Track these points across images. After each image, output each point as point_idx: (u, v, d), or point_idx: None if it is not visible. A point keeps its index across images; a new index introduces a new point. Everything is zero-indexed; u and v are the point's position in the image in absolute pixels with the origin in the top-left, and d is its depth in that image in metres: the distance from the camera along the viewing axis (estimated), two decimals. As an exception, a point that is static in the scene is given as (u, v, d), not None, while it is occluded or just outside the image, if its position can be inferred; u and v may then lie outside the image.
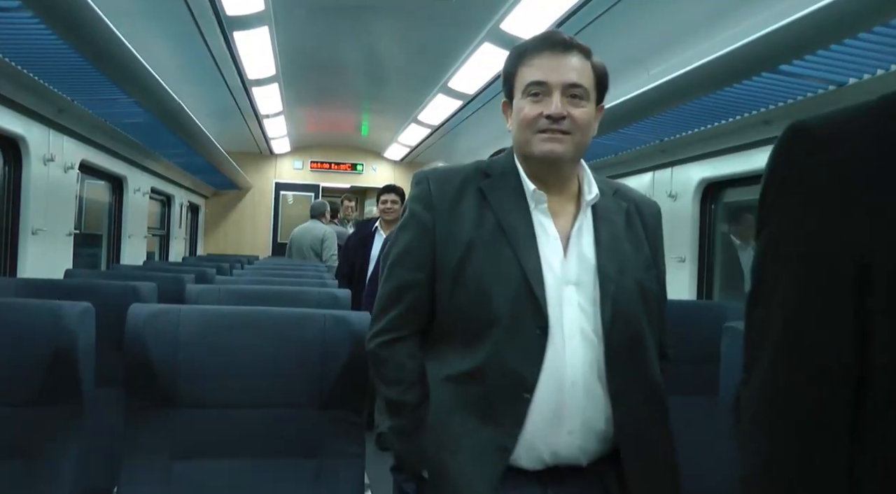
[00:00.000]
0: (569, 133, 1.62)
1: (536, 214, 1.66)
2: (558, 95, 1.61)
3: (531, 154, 1.65)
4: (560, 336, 1.57)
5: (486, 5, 4.28)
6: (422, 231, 1.67)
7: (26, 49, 3.27)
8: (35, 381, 1.88)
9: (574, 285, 1.61)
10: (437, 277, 1.66)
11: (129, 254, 6.43)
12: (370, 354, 1.74)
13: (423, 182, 1.71)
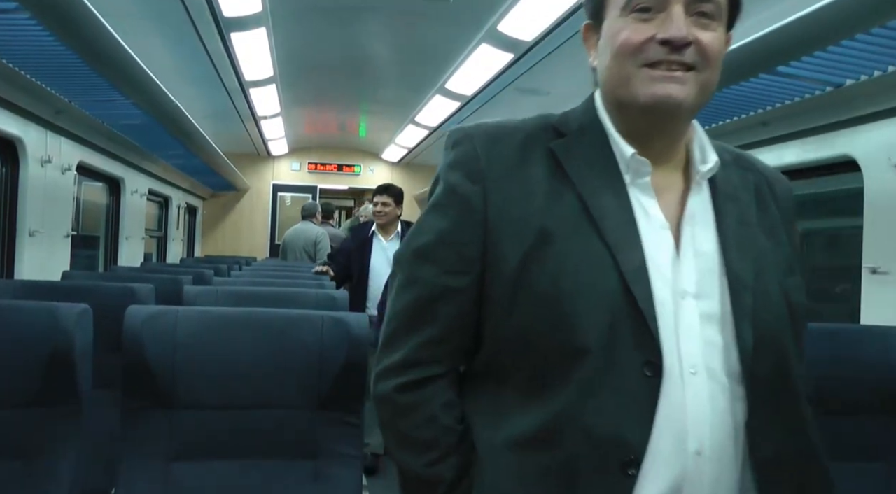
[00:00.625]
0: (693, 68, 1.08)
1: (634, 191, 1.12)
2: (680, 11, 1.07)
3: (632, 100, 1.10)
4: (678, 377, 1.03)
5: (484, 6, 4.28)
6: (465, 212, 1.12)
7: (24, 50, 3.27)
8: (33, 383, 1.88)
9: (693, 297, 1.07)
10: (488, 283, 1.11)
11: (126, 256, 6.43)
12: (382, 400, 1.16)
13: (466, 141, 1.16)
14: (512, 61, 4.96)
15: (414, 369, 1.13)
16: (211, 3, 4.08)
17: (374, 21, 4.89)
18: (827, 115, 3.26)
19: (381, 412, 1.18)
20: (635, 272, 1.04)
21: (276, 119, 8.37)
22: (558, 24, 4.11)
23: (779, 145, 3.65)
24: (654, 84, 1.08)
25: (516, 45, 4.64)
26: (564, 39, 4.38)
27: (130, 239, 6.55)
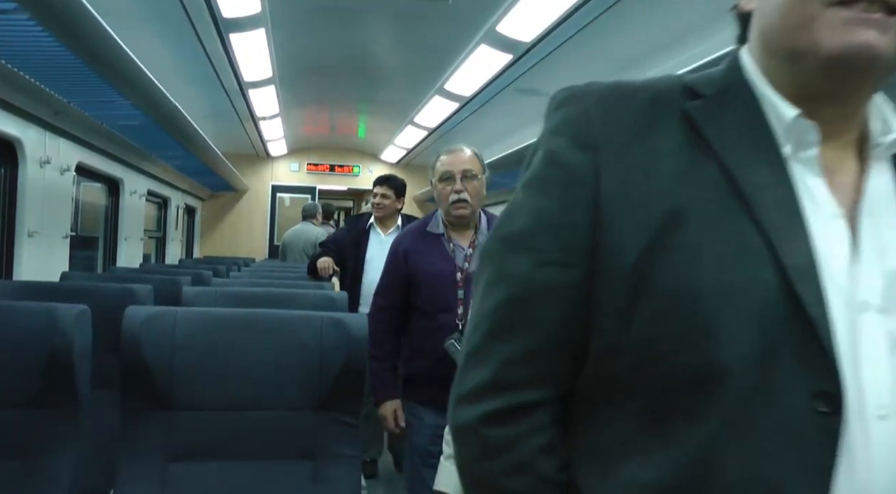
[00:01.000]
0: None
1: (796, 167, 0.83)
2: None
3: (812, 49, 0.79)
4: (861, 416, 0.74)
5: (483, 7, 4.28)
6: (570, 187, 0.86)
7: (23, 51, 3.26)
8: (32, 383, 1.88)
9: (878, 312, 0.78)
10: (597, 281, 0.83)
11: (125, 257, 6.42)
12: (465, 432, 0.89)
13: (576, 101, 0.91)
14: (511, 62, 4.96)
15: (505, 393, 0.86)
16: (210, 4, 4.08)
17: (373, 22, 4.89)
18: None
19: (461, 448, 0.91)
20: (802, 268, 0.76)
21: (275, 120, 8.37)
22: (557, 25, 4.11)
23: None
24: (848, 29, 0.76)
25: (515, 45, 4.64)
26: (564, 40, 4.38)
27: (129, 239, 6.55)
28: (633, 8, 3.75)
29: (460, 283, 2.68)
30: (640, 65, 4.56)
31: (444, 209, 2.79)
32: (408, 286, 2.79)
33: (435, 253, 2.78)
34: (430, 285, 2.73)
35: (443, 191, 2.76)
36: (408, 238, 2.88)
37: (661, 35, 4.13)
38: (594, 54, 4.64)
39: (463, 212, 2.73)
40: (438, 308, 2.69)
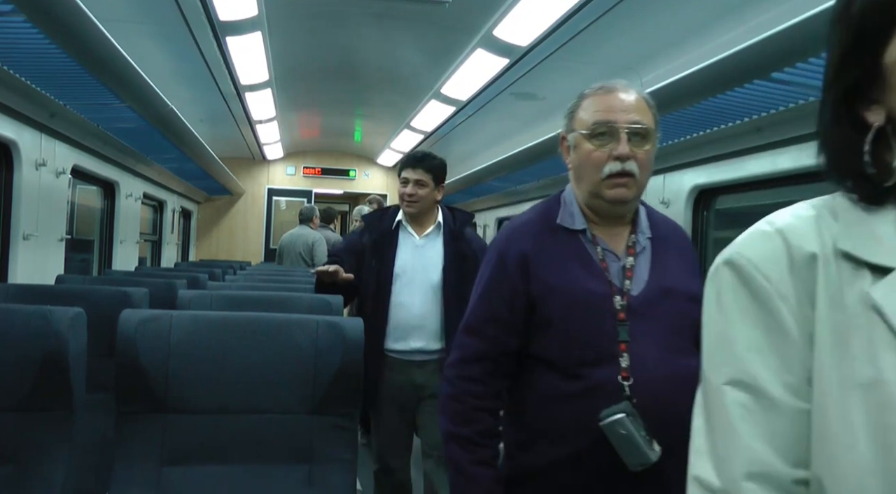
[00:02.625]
0: None
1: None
2: None
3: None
4: None
5: (480, 11, 4.29)
6: None
7: (18, 53, 3.26)
8: (26, 387, 1.87)
9: None
10: None
11: (120, 260, 6.42)
12: None
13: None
14: (507, 66, 4.96)
15: None
16: (206, 7, 4.08)
17: (369, 26, 4.89)
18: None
19: None
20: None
21: (271, 123, 8.36)
22: (554, 30, 4.11)
23: (773, 151, 3.65)
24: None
25: (512, 49, 4.64)
26: (560, 44, 4.39)
27: (125, 242, 6.54)
28: (628, 13, 3.76)
29: (622, 314, 1.65)
30: (634, 69, 4.57)
31: (587, 187, 1.74)
32: (527, 319, 1.71)
33: (575, 262, 1.72)
34: (572, 317, 1.66)
35: (592, 155, 1.70)
36: (524, 235, 1.77)
37: (656, 40, 4.14)
38: (590, 59, 4.65)
39: (624, 194, 1.70)
40: (586, 357, 1.64)
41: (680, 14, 3.73)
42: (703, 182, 4.37)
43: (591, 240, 1.74)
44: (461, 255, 3.17)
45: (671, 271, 1.75)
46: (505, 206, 8.53)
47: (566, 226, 1.75)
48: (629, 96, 1.74)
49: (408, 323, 3.12)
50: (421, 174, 3.22)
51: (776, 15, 2.82)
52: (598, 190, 1.70)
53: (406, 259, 3.19)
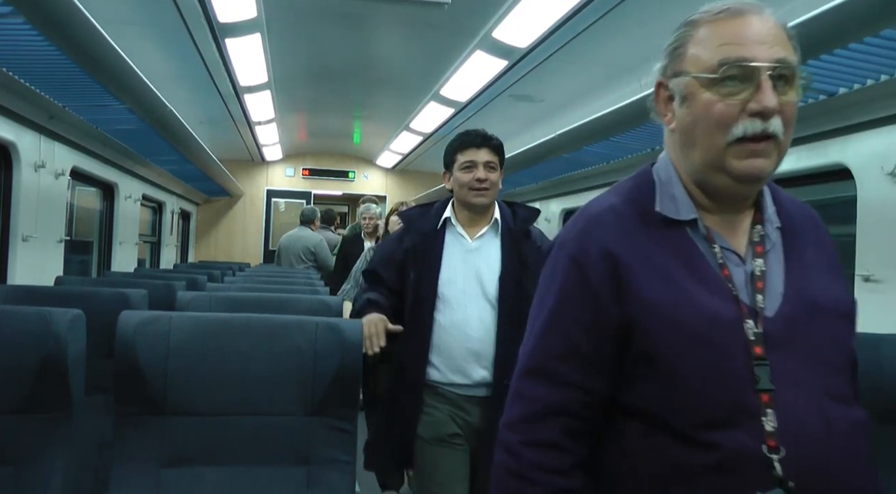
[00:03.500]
0: None
1: None
2: None
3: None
4: None
5: (479, 13, 4.29)
6: None
7: (18, 55, 3.27)
8: (25, 388, 1.87)
9: None
10: None
11: (119, 261, 6.41)
12: None
13: None
14: (506, 68, 4.97)
15: None
16: (206, 9, 4.09)
17: (368, 27, 4.90)
18: (820, 124, 3.27)
19: None
20: None
21: (270, 125, 8.37)
22: (553, 31, 4.12)
23: (772, 153, 3.66)
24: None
25: (511, 51, 4.65)
26: (559, 46, 4.39)
27: (124, 244, 6.54)
28: (627, 15, 3.77)
29: (758, 347, 1.12)
30: (633, 71, 4.57)
31: (703, 156, 1.18)
32: (618, 353, 1.17)
33: (683, 268, 1.17)
34: (687, 353, 1.12)
35: (714, 109, 1.15)
36: (609, 228, 1.20)
37: (656, 41, 4.13)
38: (589, 61, 4.66)
39: (762, 167, 1.16)
40: (710, 415, 1.10)
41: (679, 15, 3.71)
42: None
43: (706, 236, 1.19)
44: (521, 262, 2.50)
45: (813, 276, 1.22)
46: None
47: (668, 215, 1.20)
48: (766, 22, 1.19)
49: (463, 346, 2.43)
50: (490, 155, 2.57)
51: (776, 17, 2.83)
52: (721, 160, 1.15)
53: (455, 267, 2.51)
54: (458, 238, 2.56)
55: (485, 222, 2.58)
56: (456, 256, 2.52)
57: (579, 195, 6.43)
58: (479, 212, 2.57)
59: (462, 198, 2.56)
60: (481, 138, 2.57)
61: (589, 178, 5.99)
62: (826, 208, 4.03)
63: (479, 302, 2.46)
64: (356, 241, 5.78)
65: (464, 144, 2.58)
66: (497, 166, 2.57)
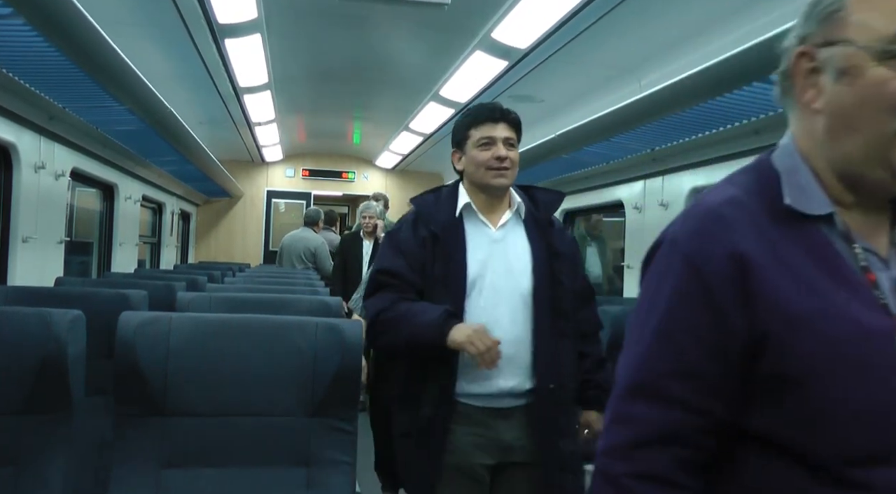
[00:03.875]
0: None
1: None
2: None
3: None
4: None
5: (479, 14, 4.29)
6: None
7: (18, 56, 3.27)
8: (25, 389, 1.87)
9: None
10: None
11: (119, 262, 6.41)
12: None
13: None
14: (506, 68, 4.97)
15: None
16: (205, 10, 4.08)
17: (368, 28, 4.90)
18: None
19: None
20: None
21: (270, 125, 8.37)
22: (553, 32, 4.11)
23: (772, 153, 3.66)
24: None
25: (510, 52, 4.64)
26: (559, 47, 4.39)
27: (124, 245, 6.53)
28: (627, 16, 3.76)
29: None
30: (633, 72, 4.57)
31: (862, 146, 0.98)
32: (745, 373, 0.99)
33: (822, 272, 0.98)
34: (836, 373, 0.94)
35: (888, 88, 0.94)
36: (735, 224, 1.00)
37: (655, 42, 4.14)
38: (588, 61, 4.66)
39: None
40: (867, 448, 0.93)
41: (679, 17, 3.73)
42: (703, 184, 4.37)
43: (845, 234, 1.00)
44: (553, 252, 2.25)
45: None
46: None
47: (800, 209, 1.00)
48: None
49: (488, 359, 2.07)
50: (509, 130, 2.27)
51: (775, 17, 2.83)
52: (885, 152, 0.95)
53: (482, 259, 2.20)
54: (480, 226, 2.25)
55: (504, 207, 2.30)
56: (481, 247, 2.21)
57: (580, 195, 6.43)
58: (499, 195, 2.28)
59: (478, 179, 2.26)
60: (499, 112, 2.28)
61: (589, 179, 5.99)
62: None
63: (511, 298, 2.17)
64: (355, 241, 5.71)
65: (479, 118, 2.28)
66: (516, 143, 2.29)
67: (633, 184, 5.23)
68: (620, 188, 5.51)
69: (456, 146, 2.35)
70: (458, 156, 2.34)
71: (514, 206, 2.29)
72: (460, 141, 2.33)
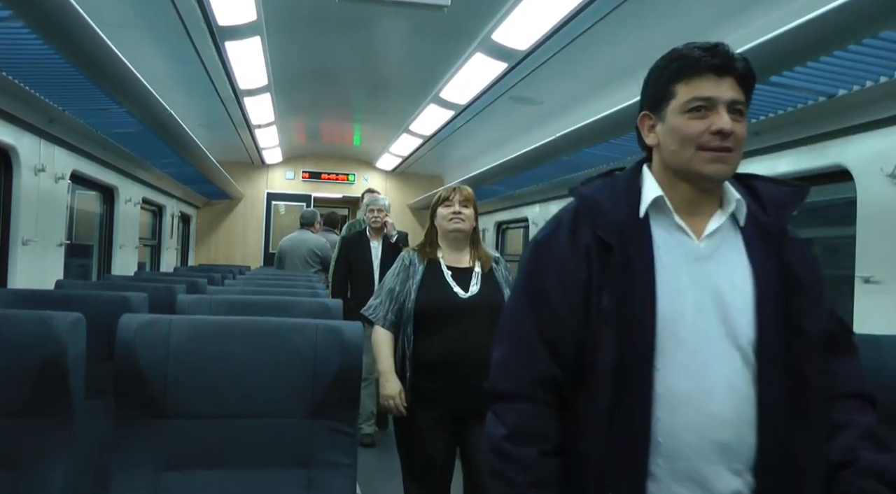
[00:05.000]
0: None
1: None
2: None
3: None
4: None
5: (479, 16, 4.29)
6: None
7: (18, 58, 3.27)
8: (25, 392, 1.87)
9: None
10: None
11: (120, 265, 6.41)
12: None
13: None
14: (506, 70, 4.97)
15: None
16: (205, 12, 4.09)
17: (368, 30, 4.90)
18: (820, 125, 3.28)
19: None
20: None
21: (270, 127, 8.37)
22: (553, 34, 4.12)
23: (772, 155, 3.66)
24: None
25: (510, 54, 4.65)
26: (559, 48, 4.39)
27: (124, 247, 6.53)
28: (626, 18, 3.77)
29: None
30: (633, 74, 4.56)
31: None
32: None
33: None
34: None
35: None
36: None
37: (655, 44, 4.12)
38: (588, 63, 4.66)
39: None
40: None
41: (679, 18, 3.73)
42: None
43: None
44: (789, 278, 1.44)
45: None
46: (504, 210, 8.53)
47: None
48: None
49: (704, 436, 1.36)
50: (737, 90, 1.46)
51: (774, 19, 2.83)
52: None
53: (679, 286, 1.41)
54: (677, 235, 1.46)
55: (713, 207, 1.49)
56: (677, 268, 1.42)
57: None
58: (710, 188, 1.49)
59: (682, 163, 1.46)
60: (724, 58, 1.44)
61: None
62: (826, 210, 4.03)
63: (725, 351, 1.38)
64: (360, 242, 5.30)
65: (693, 67, 1.45)
66: (745, 109, 1.48)
67: (634, 185, 5.22)
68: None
69: (648, 107, 1.53)
70: (650, 124, 1.53)
71: (730, 206, 1.50)
72: (657, 100, 1.50)
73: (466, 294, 2.90)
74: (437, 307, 2.87)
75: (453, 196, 2.98)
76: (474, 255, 3.03)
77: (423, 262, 2.98)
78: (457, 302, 2.88)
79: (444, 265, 2.98)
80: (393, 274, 3.01)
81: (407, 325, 2.88)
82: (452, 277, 2.94)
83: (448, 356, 2.82)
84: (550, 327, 1.43)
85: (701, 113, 1.43)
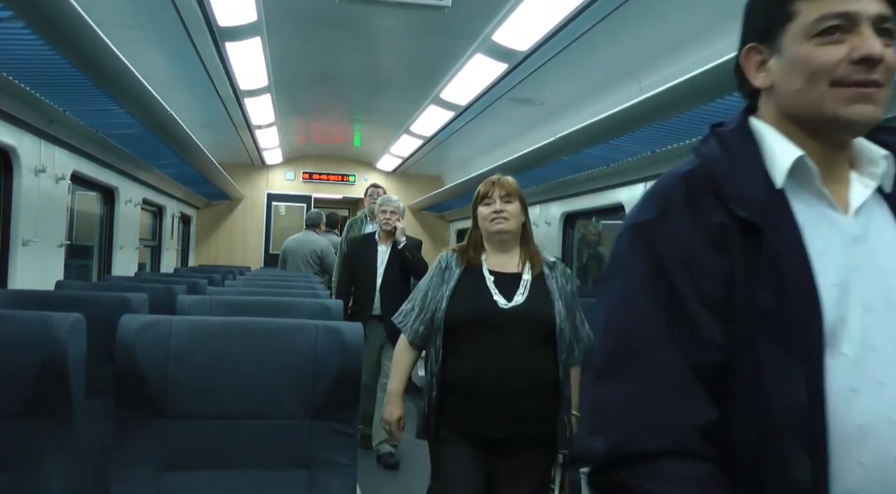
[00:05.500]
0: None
1: None
2: None
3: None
4: None
5: (479, 17, 4.29)
6: None
7: (18, 59, 3.27)
8: (25, 393, 1.87)
9: None
10: None
11: (120, 265, 6.41)
12: None
13: None
14: (506, 71, 4.97)
15: None
16: (206, 13, 4.09)
17: (368, 31, 4.90)
18: None
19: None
20: None
21: (270, 128, 8.37)
22: (553, 35, 4.12)
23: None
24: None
25: (511, 54, 4.65)
26: (559, 49, 4.39)
27: (124, 248, 6.53)
28: (627, 19, 3.77)
29: None
30: (633, 75, 4.57)
31: None
32: None
33: None
34: None
35: None
36: None
37: (655, 45, 4.14)
38: (588, 64, 4.66)
39: None
40: None
41: (679, 19, 3.73)
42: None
43: None
44: None
45: None
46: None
47: None
48: None
49: (885, 483, 0.96)
50: (885, 4, 1.07)
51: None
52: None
53: (838, 279, 1.03)
54: (822, 209, 1.09)
55: (846, 169, 1.15)
56: (832, 254, 1.05)
57: (580, 198, 6.43)
58: (848, 141, 1.14)
59: (812, 105, 1.09)
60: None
61: (589, 181, 5.99)
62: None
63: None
64: (368, 245, 5.10)
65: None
66: (894, 29, 1.08)
67: (634, 186, 5.22)
68: (621, 191, 5.50)
69: (757, 36, 1.17)
70: (759, 60, 1.17)
71: (875, 167, 1.13)
72: (769, 24, 1.14)
73: (509, 304, 2.54)
74: (472, 317, 2.53)
75: (493, 191, 2.61)
76: (524, 257, 2.68)
77: (462, 266, 2.66)
78: (495, 312, 2.53)
79: (486, 268, 2.63)
80: (428, 277, 2.71)
81: (436, 337, 2.57)
82: (495, 283, 2.59)
83: (482, 377, 2.48)
84: (694, 347, 1.01)
85: (835, 36, 1.06)
